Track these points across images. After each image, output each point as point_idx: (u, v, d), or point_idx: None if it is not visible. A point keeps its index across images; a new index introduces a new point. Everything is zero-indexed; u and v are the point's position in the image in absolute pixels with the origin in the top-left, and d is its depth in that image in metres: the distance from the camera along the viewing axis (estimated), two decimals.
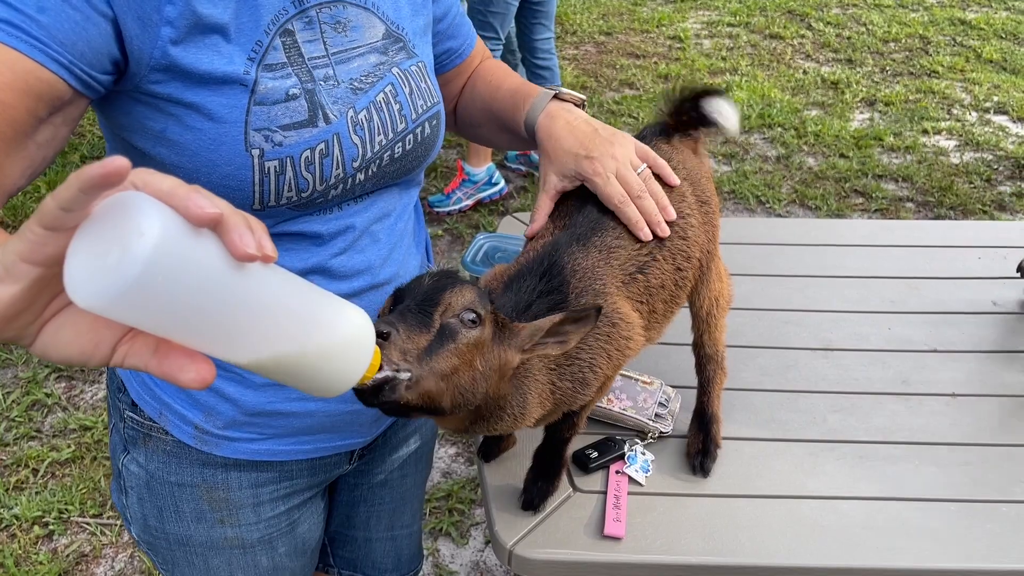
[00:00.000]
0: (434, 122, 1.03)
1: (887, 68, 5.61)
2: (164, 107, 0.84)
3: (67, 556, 2.20)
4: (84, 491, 2.36)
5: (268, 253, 0.52)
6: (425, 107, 1.01)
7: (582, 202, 1.07)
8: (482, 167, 3.81)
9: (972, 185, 4.15)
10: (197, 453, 1.04)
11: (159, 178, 0.49)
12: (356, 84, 0.93)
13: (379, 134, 0.95)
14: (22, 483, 2.39)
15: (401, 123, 0.98)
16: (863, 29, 6.31)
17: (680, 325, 1.21)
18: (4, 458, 2.46)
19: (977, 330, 1.56)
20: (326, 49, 0.91)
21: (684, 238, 1.09)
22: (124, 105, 0.85)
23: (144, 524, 1.10)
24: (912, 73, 5.55)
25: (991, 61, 5.67)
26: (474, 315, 0.82)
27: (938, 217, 3.87)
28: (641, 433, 1.30)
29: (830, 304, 1.62)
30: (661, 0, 6.85)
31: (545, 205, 1.10)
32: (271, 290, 0.56)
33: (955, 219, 3.86)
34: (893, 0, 6.96)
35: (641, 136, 1.17)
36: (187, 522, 1.08)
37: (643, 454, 1.27)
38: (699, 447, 1.27)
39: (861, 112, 4.98)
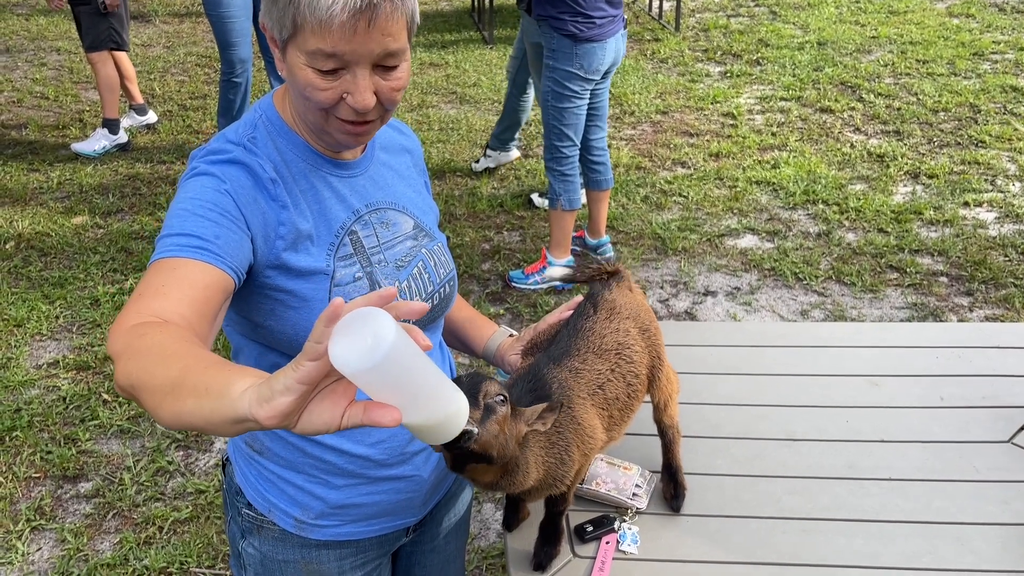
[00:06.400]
0: (451, 284, 1.47)
1: (934, 139, 5.83)
2: (271, 293, 1.28)
3: None
4: (200, 546, 2.85)
5: (429, 344, 0.83)
6: (445, 274, 1.45)
7: (553, 338, 1.48)
8: (562, 259, 4.25)
9: (1007, 258, 4.35)
10: (297, 538, 1.44)
11: (367, 298, 0.80)
12: (399, 263, 1.37)
13: (416, 296, 1.39)
14: (150, 538, 2.89)
15: (430, 286, 1.41)
16: (913, 99, 6.54)
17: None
18: (135, 517, 2.97)
19: (921, 423, 1.88)
20: (378, 240, 1.36)
21: (631, 361, 1.47)
22: (245, 294, 1.29)
23: None
24: (959, 143, 5.76)
25: None
26: (502, 397, 1.22)
27: (969, 292, 4.09)
28: (622, 509, 1.67)
29: (798, 400, 1.97)
30: (717, 76, 7.23)
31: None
32: (432, 368, 0.87)
33: (987, 293, 4.08)
34: (946, 68, 7.17)
35: (591, 295, 1.53)
36: None
37: (630, 529, 1.64)
38: (672, 492, 1.70)
39: (904, 185, 5.22)
